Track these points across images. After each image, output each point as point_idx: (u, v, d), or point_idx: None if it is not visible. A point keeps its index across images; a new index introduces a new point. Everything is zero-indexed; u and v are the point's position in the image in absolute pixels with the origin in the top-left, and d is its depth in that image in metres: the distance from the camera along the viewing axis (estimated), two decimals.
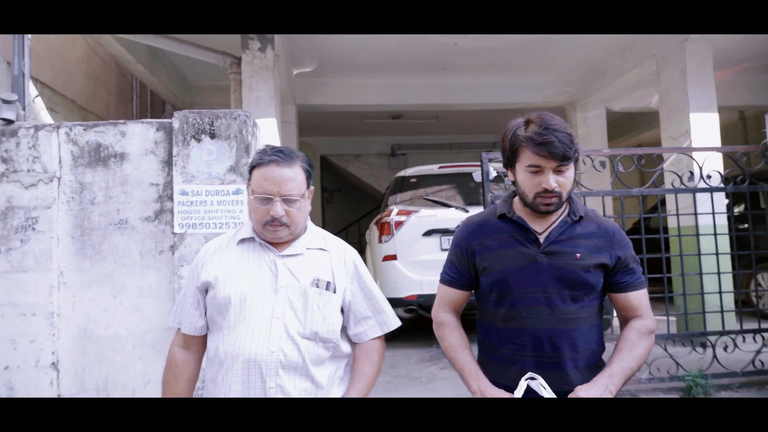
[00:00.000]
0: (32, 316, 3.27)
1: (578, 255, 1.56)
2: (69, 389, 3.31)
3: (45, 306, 3.28)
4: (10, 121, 3.39)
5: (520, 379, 1.50)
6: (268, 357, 1.49)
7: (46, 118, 4.33)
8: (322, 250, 1.63)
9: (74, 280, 3.34)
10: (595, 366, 1.60)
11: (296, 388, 1.49)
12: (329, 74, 7.18)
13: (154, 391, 3.31)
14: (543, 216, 1.60)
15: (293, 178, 1.53)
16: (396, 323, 1.71)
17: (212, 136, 3.37)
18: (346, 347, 1.64)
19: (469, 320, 1.75)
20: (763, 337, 4.11)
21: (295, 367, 1.50)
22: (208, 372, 1.59)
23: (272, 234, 1.56)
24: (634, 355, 1.54)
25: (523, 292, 1.56)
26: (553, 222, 1.60)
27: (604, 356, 1.64)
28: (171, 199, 3.38)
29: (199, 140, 3.36)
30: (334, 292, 1.59)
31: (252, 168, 1.58)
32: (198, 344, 1.65)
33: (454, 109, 8.27)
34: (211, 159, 3.35)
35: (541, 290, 1.55)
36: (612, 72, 6.77)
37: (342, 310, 1.63)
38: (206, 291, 1.59)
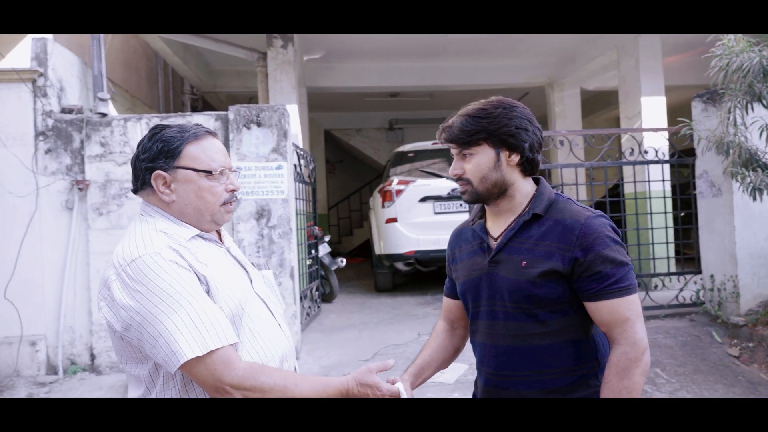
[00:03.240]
0: None
1: (523, 263, 1.33)
2: None
3: None
4: (104, 114, 4.40)
5: (484, 391, 1.44)
6: (288, 345, 1.39)
7: (111, 108, 5.33)
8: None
9: None
10: (573, 387, 1.33)
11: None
12: (335, 60, 8.09)
13: None
14: (499, 217, 1.43)
15: None
16: None
17: (259, 124, 4.40)
18: None
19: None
20: (685, 278, 5.24)
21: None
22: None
23: (228, 215, 1.35)
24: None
25: (477, 305, 1.43)
26: (510, 224, 1.40)
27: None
28: None
29: (248, 128, 4.39)
30: None
31: (179, 146, 1.28)
32: None
33: (446, 89, 9.20)
34: (258, 142, 4.39)
35: (489, 303, 1.39)
36: (582, 58, 7.77)
37: None
38: None
